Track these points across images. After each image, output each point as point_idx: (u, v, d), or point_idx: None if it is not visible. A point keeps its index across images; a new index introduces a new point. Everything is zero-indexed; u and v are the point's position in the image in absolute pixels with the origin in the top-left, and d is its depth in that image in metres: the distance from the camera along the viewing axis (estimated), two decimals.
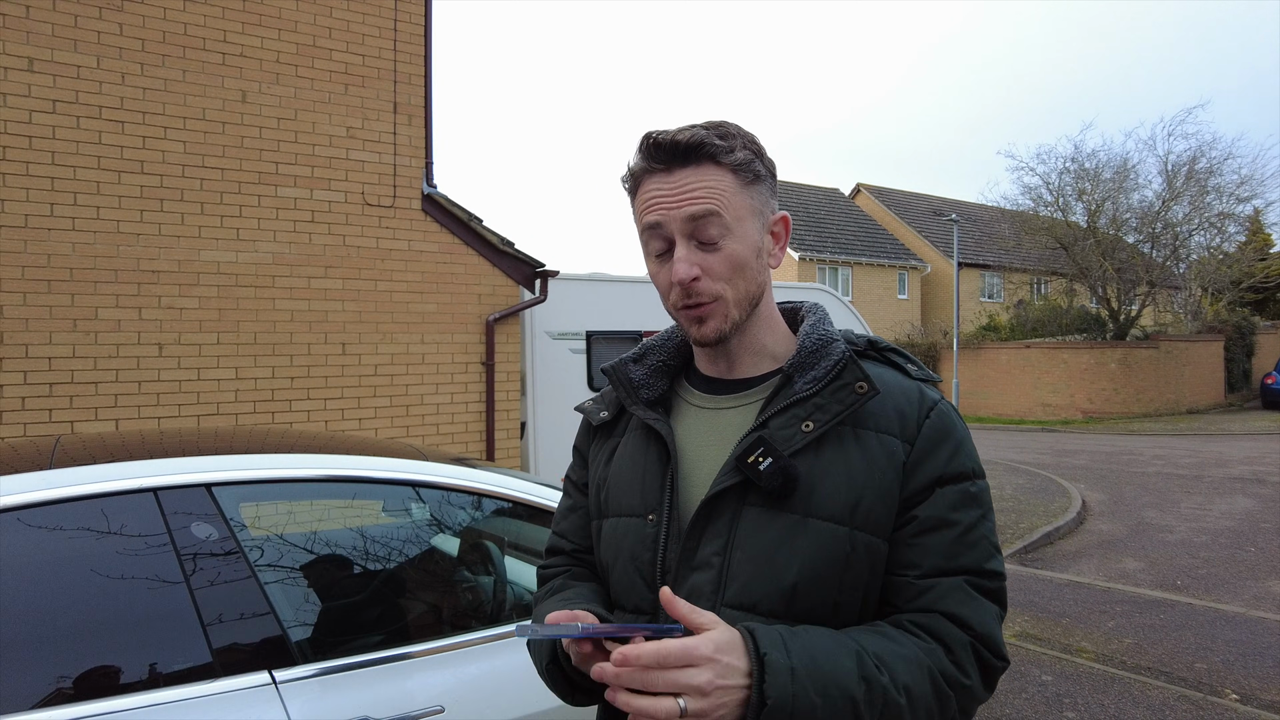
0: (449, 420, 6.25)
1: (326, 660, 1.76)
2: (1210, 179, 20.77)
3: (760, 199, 1.03)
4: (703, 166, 0.98)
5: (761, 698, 0.80)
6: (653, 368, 1.15)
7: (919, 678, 0.88)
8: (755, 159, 1.01)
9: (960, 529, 0.96)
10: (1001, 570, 0.99)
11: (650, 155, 1.01)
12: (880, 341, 1.09)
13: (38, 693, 1.50)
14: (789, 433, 0.97)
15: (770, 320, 1.09)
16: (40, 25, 4.79)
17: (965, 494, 0.98)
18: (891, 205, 31.31)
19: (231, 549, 1.76)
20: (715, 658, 0.80)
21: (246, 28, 5.42)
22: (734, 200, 0.99)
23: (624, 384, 1.14)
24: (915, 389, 1.02)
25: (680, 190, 0.99)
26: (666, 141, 0.99)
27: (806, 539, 0.94)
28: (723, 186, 0.98)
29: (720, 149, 0.98)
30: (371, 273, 5.91)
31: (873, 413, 0.99)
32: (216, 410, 5.30)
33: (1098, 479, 11.03)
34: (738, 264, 1.00)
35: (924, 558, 0.95)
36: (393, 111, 6.02)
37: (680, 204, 0.98)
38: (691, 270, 0.99)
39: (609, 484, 1.13)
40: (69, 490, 1.67)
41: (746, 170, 1.00)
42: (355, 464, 2.08)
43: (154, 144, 5.13)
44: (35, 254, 4.78)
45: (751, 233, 1.01)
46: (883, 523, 0.96)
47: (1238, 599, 5.84)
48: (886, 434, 0.98)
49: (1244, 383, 23.22)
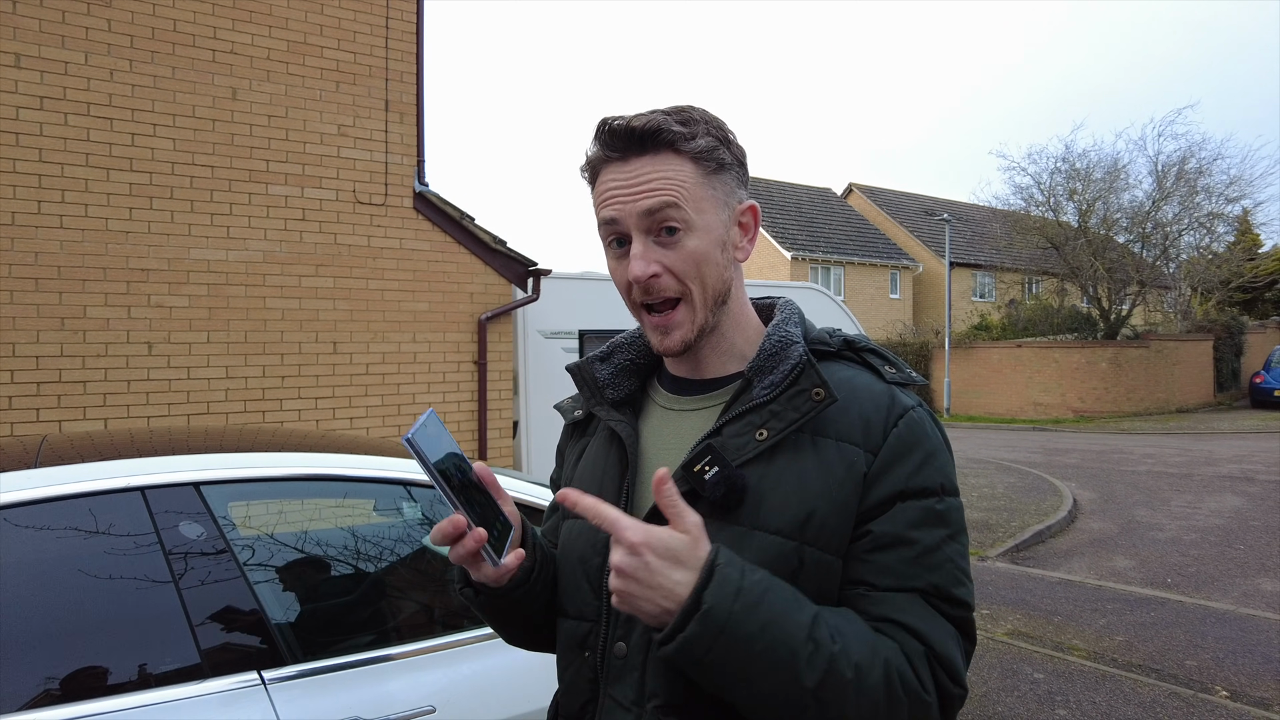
0: (441, 419, 6.23)
1: (316, 660, 1.74)
2: (1200, 179, 20.90)
3: (725, 189, 0.96)
4: (661, 155, 0.92)
5: (698, 601, 0.78)
6: (620, 366, 1.09)
7: (873, 664, 0.82)
8: (720, 145, 0.95)
9: (919, 549, 0.87)
10: (968, 600, 0.89)
11: (606, 143, 0.94)
12: (859, 341, 1.02)
13: (24, 694, 1.48)
14: (742, 440, 0.92)
15: (740, 318, 1.03)
16: (27, 21, 4.74)
17: (929, 511, 0.89)
18: (884, 205, 31.38)
19: (220, 548, 1.74)
20: (639, 549, 0.79)
21: (237, 24, 5.39)
22: (695, 191, 0.93)
23: (589, 383, 1.09)
24: (886, 394, 0.94)
25: (636, 181, 0.92)
26: (622, 128, 0.93)
27: (750, 552, 0.87)
28: (682, 176, 0.92)
29: (679, 135, 0.92)
30: (363, 271, 5.88)
31: (834, 420, 0.92)
32: (206, 409, 5.27)
33: (1089, 478, 11.08)
34: (700, 259, 0.94)
35: (879, 576, 0.88)
36: (384, 109, 6.00)
37: (636, 197, 0.92)
38: (649, 267, 0.93)
39: (573, 485, 1.08)
40: (55, 489, 1.65)
41: (709, 158, 0.94)
42: (346, 463, 2.06)
43: (143, 141, 5.09)
44: (22, 251, 4.74)
45: (715, 225, 0.95)
46: (836, 538, 0.89)
47: (1227, 596, 5.87)
48: (848, 443, 0.91)
49: (1233, 382, 23.36)
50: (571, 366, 1.11)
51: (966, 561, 0.92)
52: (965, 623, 0.90)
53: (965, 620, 0.90)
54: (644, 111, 0.95)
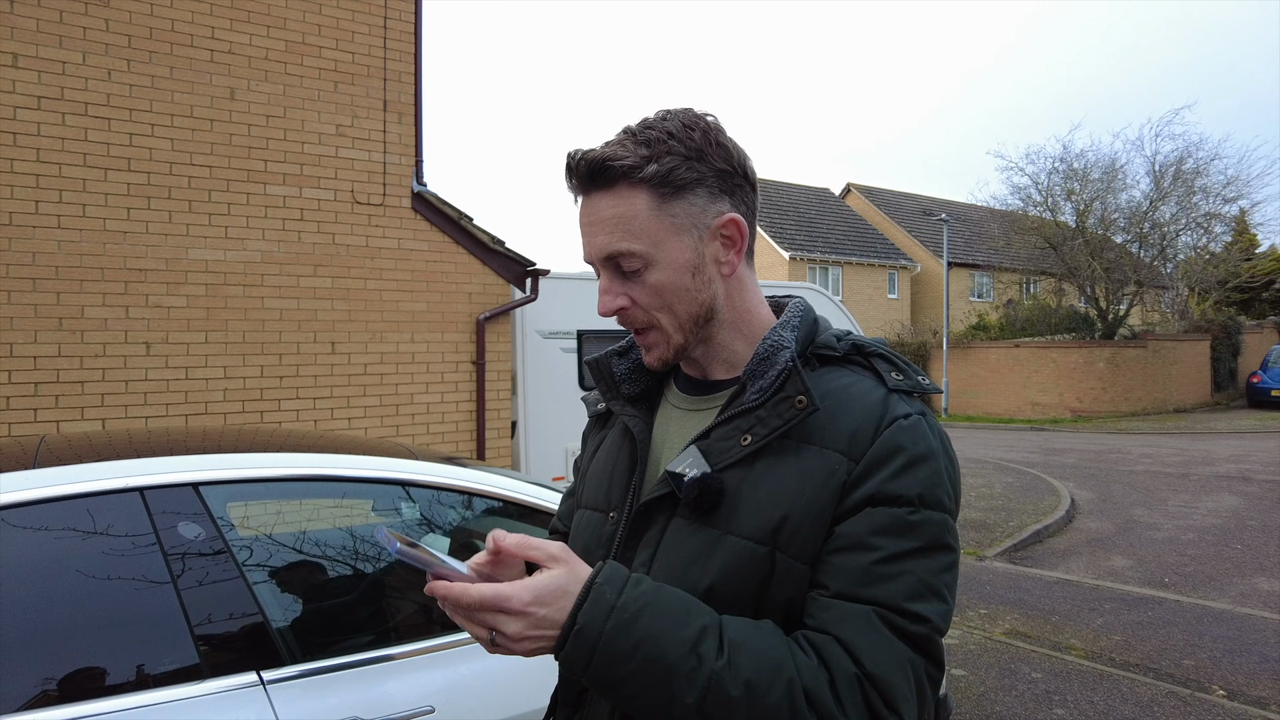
0: (439, 420, 6.23)
1: (315, 660, 1.74)
2: (1197, 179, 20.95)
3: (692, 208, 0.93)
4: (615, 189, 0.91)
5: (573, 620, 0.80)
6: (637, 362, 1.09)
7: (773, 682, 0.78)
8: (683, 163, 0.91)
9: (877, 556, 0.83)
10: (931, 616, 0.82)
11: (567, 181, 0.96)
12: (869, 345, 0.98)
13: (22, 695, 1.48)
14: (727, 444, 0.92)
15: (740, 325, 1.01)
16: (25, 21, 4.74)
17: (897, 520, 0.83)
18: (882, 205, 31.41)
19: (219, 549, 1.74)
20: (528, 611, 0.79)
21: (235, 24, 5.38)
22: (648, 225, 0.91)
23: (605, 378, 1.10)
24: (881, 402, 0.90)
25: (592, 220, 0.94)
26: (573, 165, 0.93)
27: (722, 555, 0.88)
28: (634, 212, 0.91)
29: (628, 168, 0.90)
30: (361, 271, 5.88)
31: (822, 427, 0.89)
32: (205, 409, 5.26)
33: (1086, 477, 11.09)
34: (663, 290, 0.94)
35: (831, 578, 0.84)
36: (383, 109, 5.99)
37: (590, 238, 0.94)
38: (615, 302, 0.95)
39: (587, 476, 1.12)
40: (54, 490, 1.65)
41: (667, 183, 0.91)
42: (345, 463, 2.06)
43: (141, 141, 5.09)
44: (20, 251, 4.73)
45: (679, 253, 0.93)
46: (809, 545, 0.86)
47: (1224, 596, 5.89)
48: (832, 450, 0.88)
49: (1230, 381, 23.40)
50: (590, 360, 1.12)
51: (941, 580, 0.85)
52: (924, 641, 0.83)
53: (923, 637, 0.82)
54: (607, 141, 0.93)
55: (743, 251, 0.98)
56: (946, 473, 0.89)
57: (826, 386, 0.92)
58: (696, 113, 0.95)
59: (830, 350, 0.97)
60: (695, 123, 0.93)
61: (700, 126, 0.93)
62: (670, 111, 0.95)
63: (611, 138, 0.94)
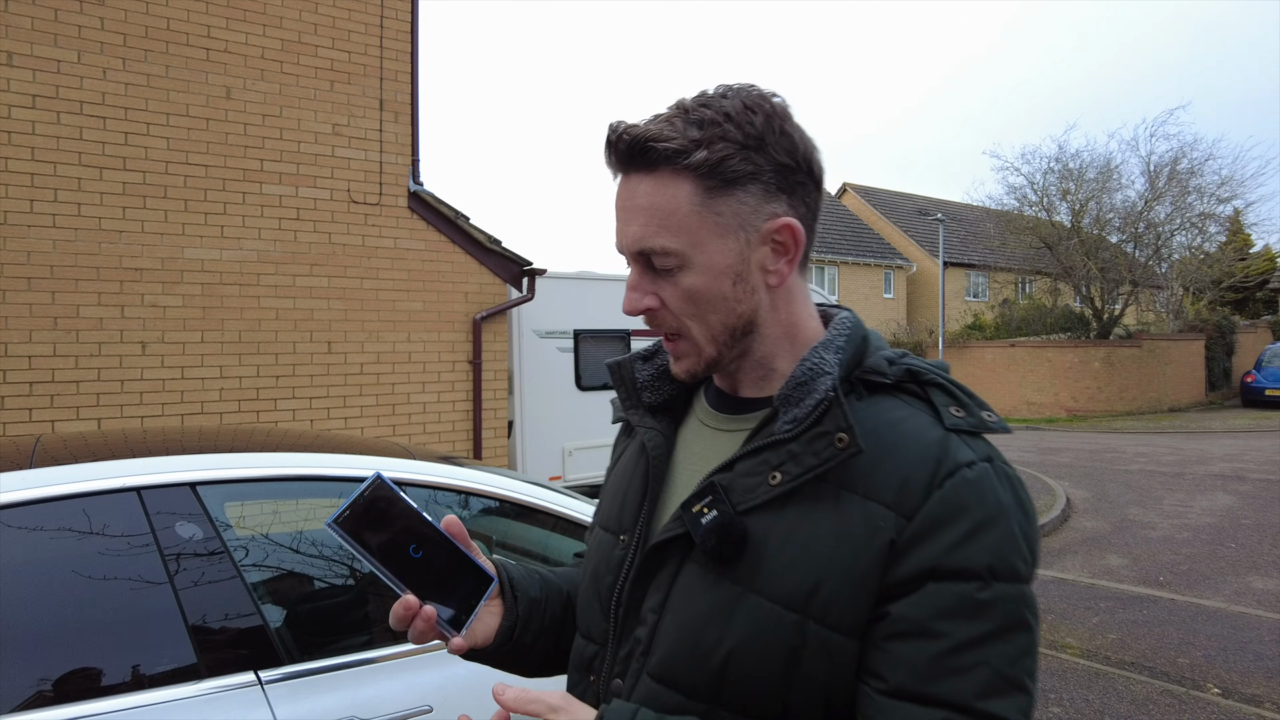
0: (436, 419, 6.22)
1: (313, 660, 1.74)
2: (1192, 179, 21.00)
3: (742, 206, 0.79)
4: (657, 173, 0.79)
5: None
6: (662, 369, 0.97)
7: None
8: (738, 152, 0.77)
9: (946, 645, 0.69)
10: (1010, 716, 0.69)
11: (606, 158, 0.83)
12: (926, 371, 0.83)
13: (19, 695, 1.47)
14: (753, 481, 0.78)
15: (783, 339, 0.87)
16: (19, 19, 4.72)
17: (965, 599, 0.70)
18: (877, 204, 31.45)
19: (216, 549, 1.74)
20: None
21: (230, 23, 5.37)
22: (688, 221, 0.78)
23: (627, 383, 0.97)
24: (938, 445, 0.76)
25: (627, 207, 0.81)
26: (613, 140, 0.80)
27: (743, 618, 0.76)
28: (674, 204, 0.78)
29: (673, 152, 0.77)
30: (357, 271, 5.87)
31: (865, 472, 0.75)
32: (201, 409, 5.25)
33: (1082, 476, 11.12)
34: (696, 297, 0.81)
35: (891, 670, 0.71)
36: (379, 109, 5.98)
37: (624, 227, 0.82)
38: (643, 301, 0.83)
39: (605, 489, 1.01)
40: (50, 490, 1.64)
41: (716, 174, 0.77)
42: (341, 462, 2.06)
43: (136, 140, 5.07)
44: (14, 251, 4.72)
45: (720, 256, 0.80)
46: (849, 616, 0.73)
47: (1219, 594, 5.91)
48: (876, 501, 0.74)
49: (1225, 381, 23.48)
50: (612, 363, 0.99)
51: (1021, 667, 0.70)
52: None
53: None
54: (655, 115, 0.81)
55: (796, 260, 0.84)
56: (1021, 532, 0.75)
57: (873, 421, 0.78)
58: (761, 92, 0.81)
59: (880, 376, 0.83)
60: (758, 105, 0.79)
61: (763, 110, 0.79)
62: (731, 88, 0.81)
63: (662, 110, 0.82)
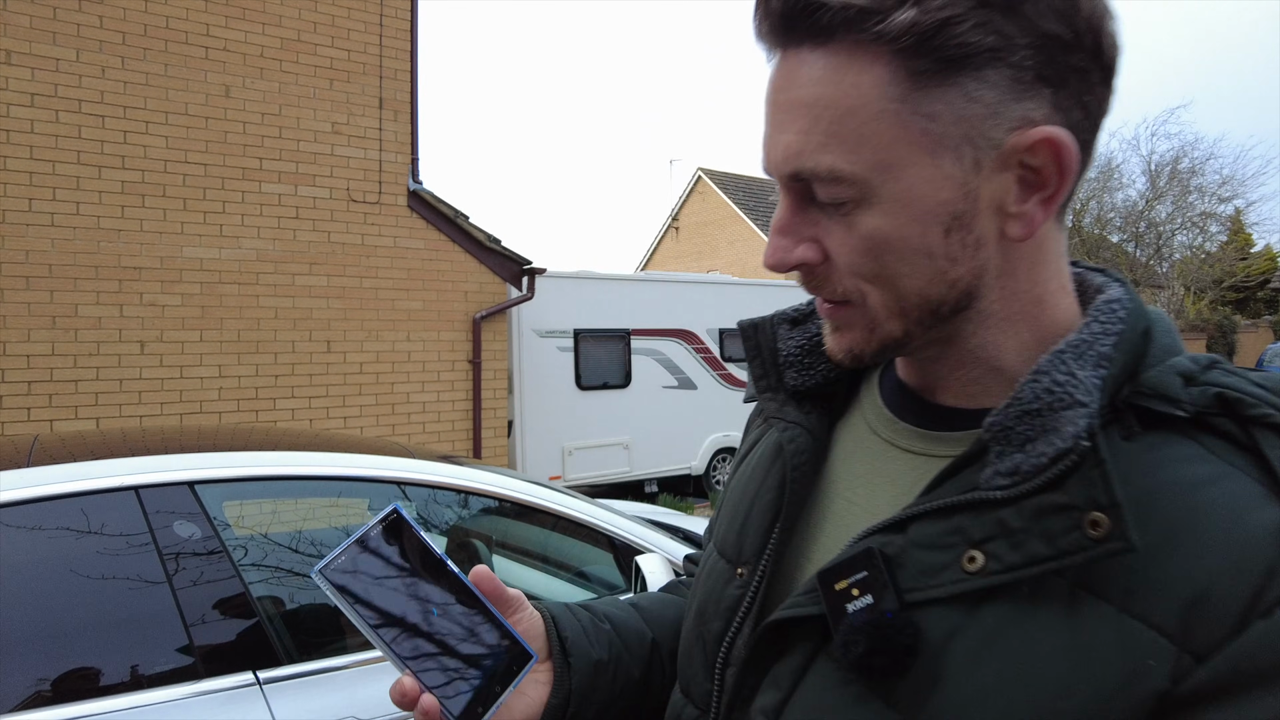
0: (435, 418, 6.22)
1: (312, 660, 1.73)
2: (1193, 179, 21.03)
3: (972, 105, 0.47)
4: (830, 46, 0.48)
5: None
6: (816, 339, 0.66)
7: None
8: (974, 11, 0.45)
9: None
10: None
11: (755, 28, 0.52)
12: (1250, 395, 0.47)
13: (17, 695, 1.47)
14: (937, 559, 0.49)
15: (1019, 323, 0.54)
16: (18, 18, 4.71)
17: None
18: None
19: (215, 548, 1.73)
20: None
21: (230, 22, 5.37)
22: (878, 126, 0.48)
23: (765, 354, 0.67)
24: (1268, 537, 0.43)
25: (782, 101, 0.51)
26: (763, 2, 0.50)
27: None
28: (855, 99, 0.47)
29: (861, 11, 0.46)
30: (357, 270, 5.87)
31: (1130, 569, 0.45)
32: (199, 408, 5.25)
33: None
34: (883, 250, 0.50)
35: None
36: (379, 107, 5.98)
37: (774, 133, 0.52)
38: (794, 253, 0.53)
39: (727, 493, 0.72)
40: (48, 489, 1.64)
41: (932, 48, 0.46)
42: (340, 462, 2.05)
43: (135, 139, 5.07)
44: (13, 250, 4.71)
45: (927, 187, 0.48)
46: None
47: None
48: (1143, 622, 0.44)
49: None
50: (746, 324, 0.69)
51: None
52: None
53: None
54: None
55: (1058, 199, 0.50)
56: None
57: (1150, 481, 0.46)
58: None
59: (1167, 405, 0.49)
60: None
61: None
62: None
63: None
